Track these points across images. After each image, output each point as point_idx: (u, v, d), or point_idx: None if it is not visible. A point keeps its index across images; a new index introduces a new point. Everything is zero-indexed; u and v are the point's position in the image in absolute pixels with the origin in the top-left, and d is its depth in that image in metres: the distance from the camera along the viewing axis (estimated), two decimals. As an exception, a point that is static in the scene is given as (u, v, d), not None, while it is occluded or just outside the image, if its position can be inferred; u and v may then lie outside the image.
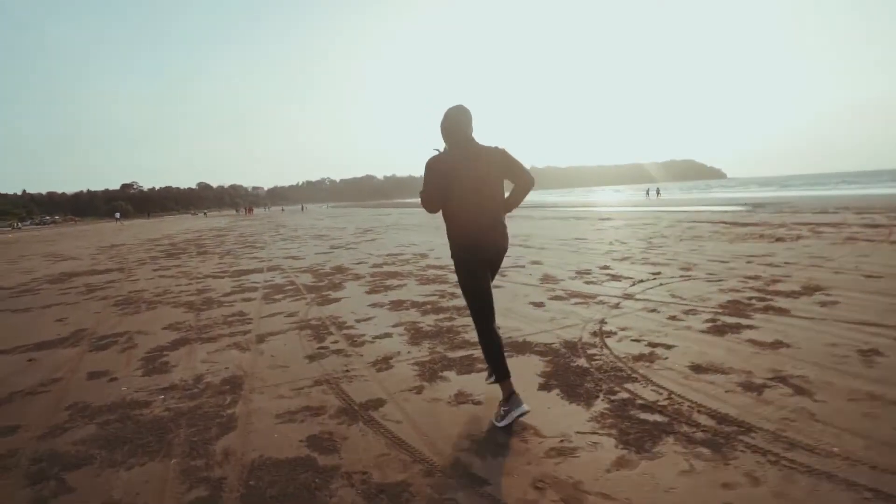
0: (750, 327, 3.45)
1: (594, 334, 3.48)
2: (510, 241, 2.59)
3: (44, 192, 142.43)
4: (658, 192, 40.46)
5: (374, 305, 4.73)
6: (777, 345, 3.05)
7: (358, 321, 4.15)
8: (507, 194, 2.44)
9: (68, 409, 2.63)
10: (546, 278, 5.73)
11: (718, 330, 3.42)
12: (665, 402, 2.34)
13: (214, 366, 3.20)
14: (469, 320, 3.83)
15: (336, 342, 3.58)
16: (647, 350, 3.09)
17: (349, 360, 3.18)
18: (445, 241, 2.43)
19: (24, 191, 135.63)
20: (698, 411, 2.23)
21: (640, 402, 2.37)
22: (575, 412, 2.31)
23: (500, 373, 2.24)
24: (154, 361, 3.37)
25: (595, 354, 3.06)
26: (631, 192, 76.34)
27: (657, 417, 2.20)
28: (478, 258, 2.30)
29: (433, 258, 8.11)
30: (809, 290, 4.48)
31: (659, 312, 3.98)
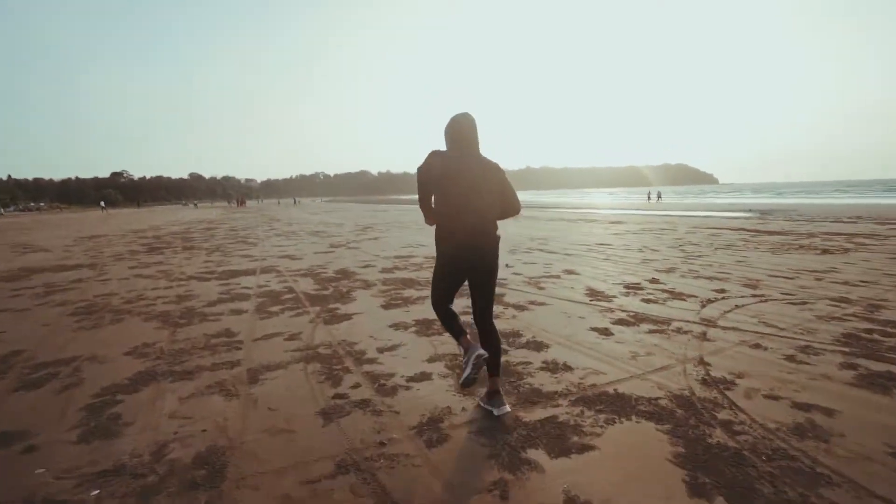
0: (916, 380, 2.56)
1: (705, 383, 2.56)
2: (528, 241, 1.79)
3: (30, 178, 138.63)
4: (659, 196, 39.82)
5: (396, 327, 3.76)
6: None
7: (381, 351, 3.19)
8: None
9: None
10: (593, 293, 4.81)
11: (876, 384, 2.51)
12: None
13: (186, 425, 2.21)
14: (531, 353, 3.00)
15: (357, 386, 2.61)
16: (800, 416, 2.18)
17: (381, 420, 2.22)
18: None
19: (10, 176, 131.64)
20: None
21: (876, 535, 1.45)
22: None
23: (458, 335, 2.23)
24: (100, 413, 2.36)
25: (732, 422, 2.14)
26: (626, 195, 75.89)
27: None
28: (458, 256, 2.22)
29: (449, 263, 7.15)
30: (935, 320, 3.62)
31: (766, 349, 3.08)
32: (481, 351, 2.08)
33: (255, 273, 6.66)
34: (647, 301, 4.45)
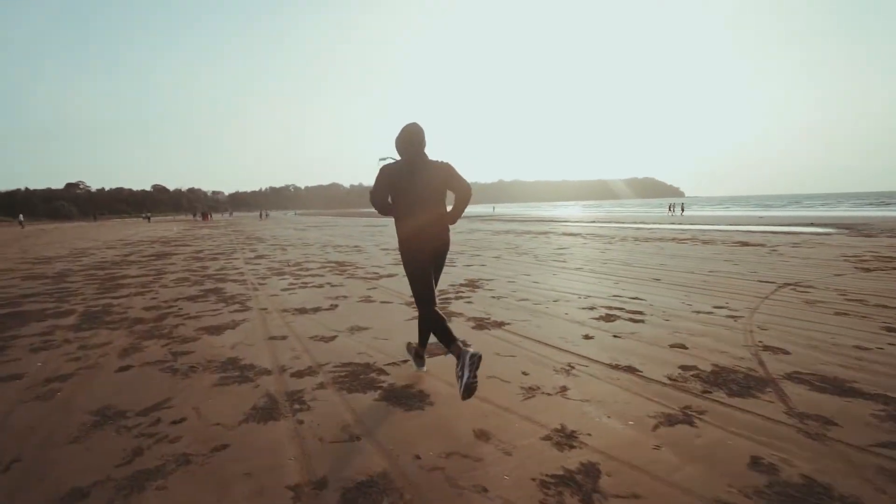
0: None
1: None
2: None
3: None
4: (682, 209, 36.01)
5: None
6: None
7: None
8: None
9: None
10: None
11: None
12: None
13: None
14: None
15: None
16: None
17: None
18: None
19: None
20: None
21: None
22: None
23: (449, 343, 2.30)
24: None
25: None
26: (600, 207, 72.65)
27: None
28: (420, 251, 2.44)
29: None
30: None
31: None
32: (473, 352, 2.14)
33: None
34: None
